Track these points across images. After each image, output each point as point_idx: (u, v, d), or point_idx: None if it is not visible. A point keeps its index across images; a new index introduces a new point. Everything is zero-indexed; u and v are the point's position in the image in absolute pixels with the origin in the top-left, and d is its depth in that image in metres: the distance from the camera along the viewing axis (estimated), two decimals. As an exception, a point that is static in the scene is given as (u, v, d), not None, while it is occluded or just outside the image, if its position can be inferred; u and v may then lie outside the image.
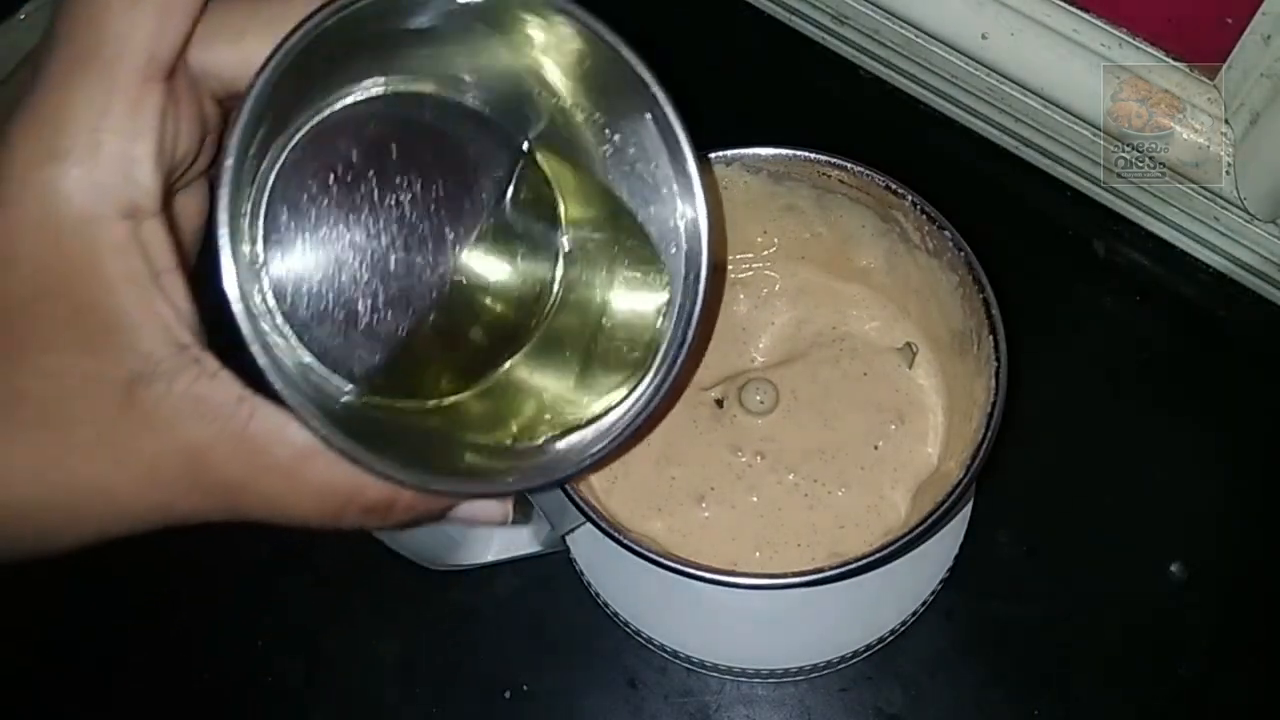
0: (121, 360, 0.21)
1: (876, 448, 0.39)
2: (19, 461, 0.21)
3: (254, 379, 0.22)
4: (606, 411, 0.28)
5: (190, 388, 0.21)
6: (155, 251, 0.21)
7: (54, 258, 0.20)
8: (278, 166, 0.24)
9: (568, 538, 0.43)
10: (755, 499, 0.38)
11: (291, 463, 0.22)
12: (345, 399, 0.26)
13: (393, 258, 0.26)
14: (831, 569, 0.32)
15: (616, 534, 0.33)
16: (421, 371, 0.28)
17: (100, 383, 0.21)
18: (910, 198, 0.37)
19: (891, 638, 0.41)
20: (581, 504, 0.33)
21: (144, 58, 0.21)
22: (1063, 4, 0.47)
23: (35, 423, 0.21)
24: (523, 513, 0.35)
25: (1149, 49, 0.46)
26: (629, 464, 0.39)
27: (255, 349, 0.21)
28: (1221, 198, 0.47)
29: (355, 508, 0.24)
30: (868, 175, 0.37)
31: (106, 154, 0.20)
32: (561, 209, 0.30)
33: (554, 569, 0.46)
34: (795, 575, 0.32)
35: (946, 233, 0.36)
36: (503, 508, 0.28)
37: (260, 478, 0.22)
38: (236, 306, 0.21)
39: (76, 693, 0.47)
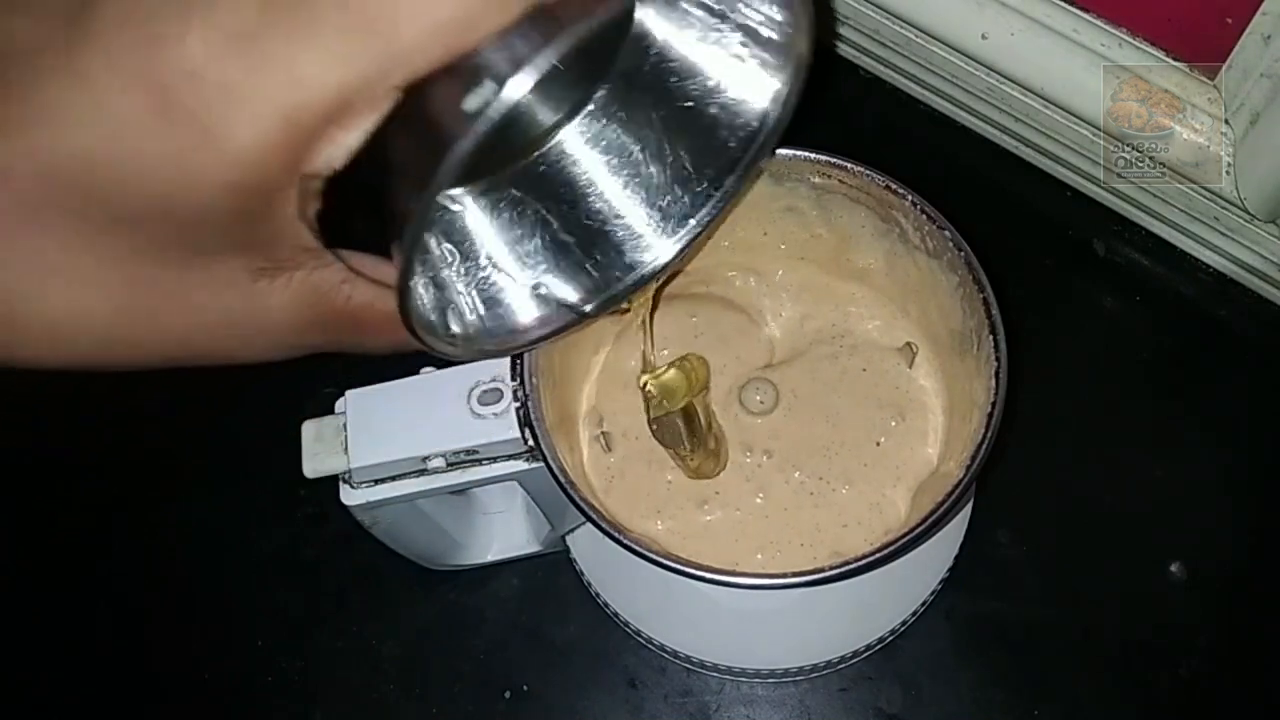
0: (258, 262, 0.22)
1: (878, 444, 0.39)
2: (148, 336, 0.23)
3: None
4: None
5: (309, 276, 0.23)
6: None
7: (229, 203, 0.20)
8: None
9: (568, 538, 0.43)
10: (760, 499, 0.38)
11: (377, 326, 0.25)
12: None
13: None
14: (831, 569, 0.32)
15: (616, 534, 0.33)
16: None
17: (233, 278, 0.22)
18: (910, 198, 0.37)
19: (891, 638, 0.41)
20: (581, 504, 0.33)
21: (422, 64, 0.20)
22: (1063, 4, 0.47)
23: (166, 310, 0.22)
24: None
25: (1149, 49, 0.46)
26: (628, 464, 0.39)
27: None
28: (1221, 198, 0.47)
29: (415, 346, 0.27)
30: (868, 175, 0.37)
31: (325, 141, 0.20)
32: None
33: (554, 569, 0.46)
34: (795, 575, 0.32)
35: (946, 233, 0.36)
36: None
37: (352, 337, 0.26)
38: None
39: (77, 692, 0.47)
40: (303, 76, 0.19)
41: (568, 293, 0.31)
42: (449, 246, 0.29)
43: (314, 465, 0.34)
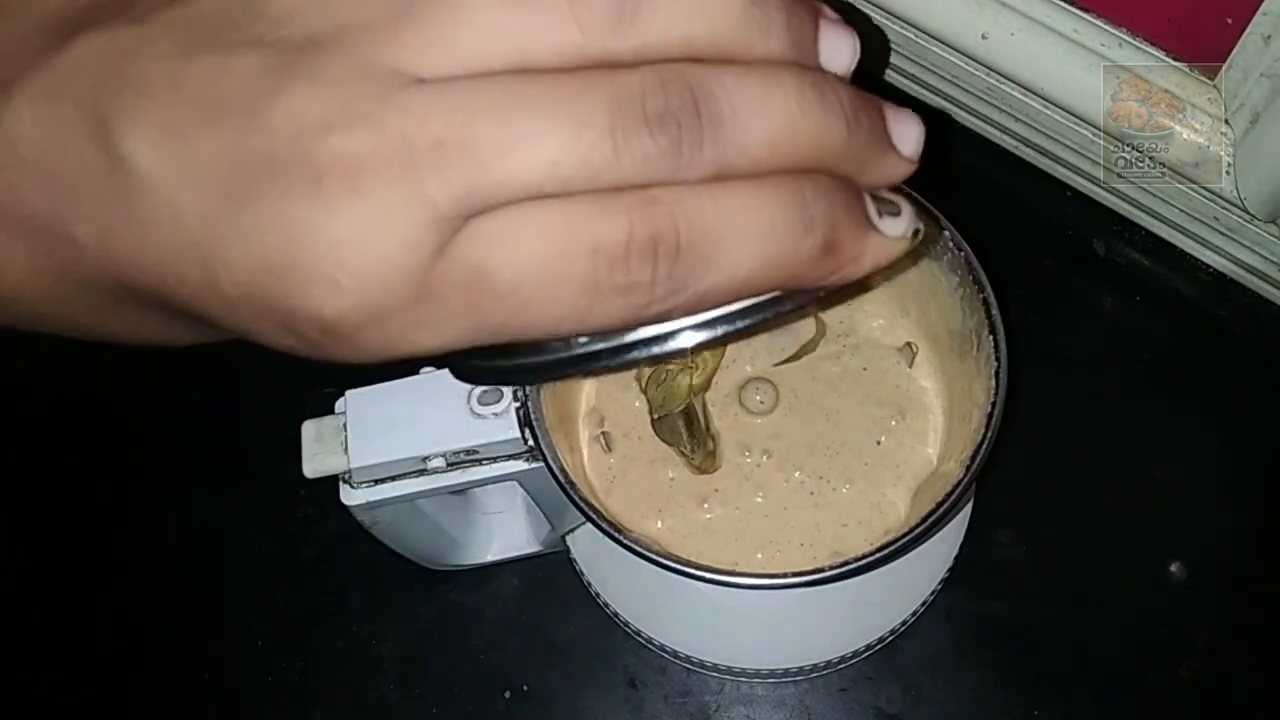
0: None
1: (879, 443, 0.39)
2: None
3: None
4: None
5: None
6: None
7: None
8: None
9: (568, 538, 0.43)
10: (761, 499, 0.38)
11: None
12: None
13: None
14: (831, 569, 0.32)
15: (616, 534, 0.33)
16: None
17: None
18: (909, 198, 0.37)
19: (891, 638, 0.41)
20: (581, 504, 0.33)
21: None
22: (1063, 4, 0.47)
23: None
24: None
25: (1149, 49, 0.46)
26: (628, 464, 0.39)
27: None
28: (1221, 198, 0.47)
29: None
30: (867, 175, 0.37)
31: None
32: None
33: (554, 569, 0.46)
34: (795, 575, 0.32)
35: (946, 233, 0.36)
36: None
37: None
38: None
39: (77, 691, 0.47)
40: (418, 340, 0.19)
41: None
42: None
43: (314, 465, 0.34)
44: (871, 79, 0.58)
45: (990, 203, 0.54)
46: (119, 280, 0.19)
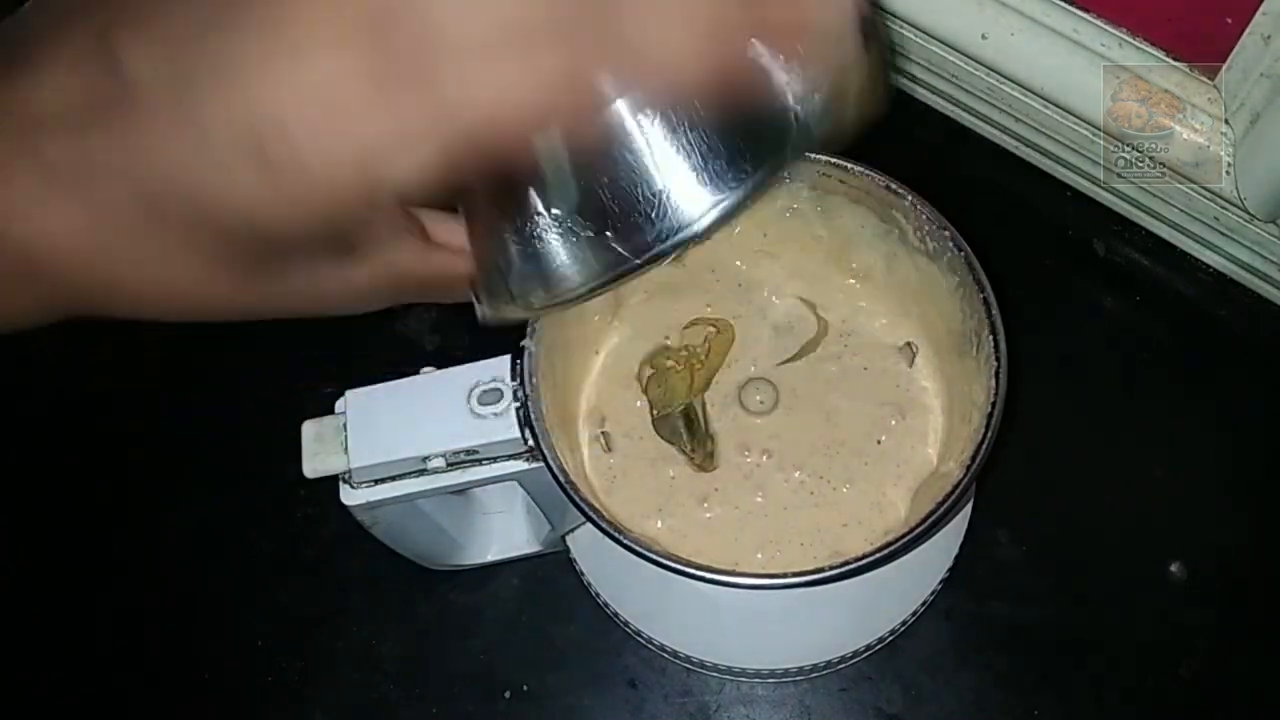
0: (343, 253, 0.26)
1: (879, 442, 0.39)
2: (255, 306, 0.26)
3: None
4: None
5: (386, 257, 0.26)
6: None
7: (310, 221, 0.23)
8: None
9: (568, 538, 0.43)
10: (761, 498, 0.38)
11: (441, 291, 0.29)
12: None
13: None
14: (831, 569, 0.32)
15: (616, 534, 0.33)
16: None
17: (322, 266, 0.26)
18: (910, 198, 0.37)
19: (891, 638, 0.41)
20: (582, 504, 0.33)
21: None
22: (1063, 4, 0.47)
23: (268, 292, 0.26)
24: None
25: (1149, 49, 0.46)
26: (628, 464, 0.39)
27: None
28: (1221, 198, 0.47)
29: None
30: (868, 175, 0.37)
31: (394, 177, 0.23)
32: None
33: (554, 569, 0.46)
34: (795, 575, 0.32)
35: (946, 233, 0.36)
36: None
37: (420, 298, 0.28)
38: None
39: (77, 691, 0.47)
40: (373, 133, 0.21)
41: (621, 247, 0.30)
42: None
43: (314, 465, 0.34)
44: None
45: (990, 203, 0.54)
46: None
